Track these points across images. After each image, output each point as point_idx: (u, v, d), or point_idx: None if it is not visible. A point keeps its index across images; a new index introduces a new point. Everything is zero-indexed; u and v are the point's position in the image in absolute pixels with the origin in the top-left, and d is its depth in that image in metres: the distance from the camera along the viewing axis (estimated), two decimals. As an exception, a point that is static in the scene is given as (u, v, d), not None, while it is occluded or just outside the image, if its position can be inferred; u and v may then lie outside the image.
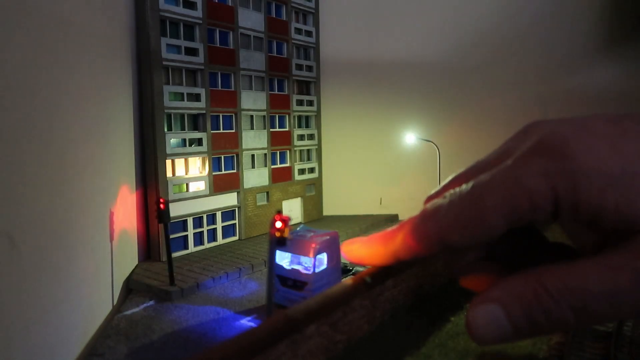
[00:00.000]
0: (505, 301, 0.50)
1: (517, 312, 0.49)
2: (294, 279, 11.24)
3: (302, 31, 20.44)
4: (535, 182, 0.50)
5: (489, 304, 0.51)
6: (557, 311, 0.48)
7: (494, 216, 0.52)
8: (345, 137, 22.20)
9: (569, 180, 0.49)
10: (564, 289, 0.48)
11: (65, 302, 8.57)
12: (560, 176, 0.49)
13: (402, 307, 0.75)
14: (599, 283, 0.47)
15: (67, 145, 8.98)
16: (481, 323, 0.51)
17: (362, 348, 0.60)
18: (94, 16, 10.75)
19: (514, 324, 0.50)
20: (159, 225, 13.55)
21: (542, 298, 0.48)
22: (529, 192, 0.50)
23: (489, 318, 0.50)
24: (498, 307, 0.50)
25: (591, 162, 0.49)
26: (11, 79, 6.86)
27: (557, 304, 0.48)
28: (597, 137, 0.50)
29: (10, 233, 6.63)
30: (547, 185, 0.50)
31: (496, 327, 0.50)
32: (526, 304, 0.49)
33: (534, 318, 0.49)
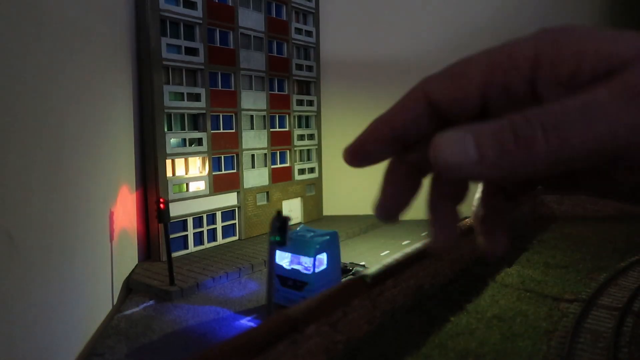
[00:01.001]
0: (477, 129, 0.47)
1: (486, 136, 0.46)
2: (294, 279, 11.25)
3: (302, 31, 20.45)
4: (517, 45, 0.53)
5: (460, 131, 0.48)
6: (525, 128, 0.45)
7: (474, 72, 0.54)
8: (345, 137, 22.15)
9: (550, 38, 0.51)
10: (539, 111, 0.46)
11: (65, 302, 8.57)
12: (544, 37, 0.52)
13: (402, 307, 0.74)
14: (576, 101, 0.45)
15: (67, 145, 8.98)
16: (446, 143, 0.47)
17: (362, 348, 0.59)
18: (94, 16, 10.76)
19: (480, 148, 0.46)
20: (159, 225, 13.56)
21: (515, 121, 0.46)
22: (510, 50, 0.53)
23: (456, 140, 0.47)
24: (468, 133, 0.47)
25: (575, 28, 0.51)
26: (10, 79, 6.86)
27: (528, 123, 0.45)
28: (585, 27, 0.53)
29: (9, 232, 6.63)
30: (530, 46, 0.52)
31: (460, 149, 0.46)
32: (498, 129, 0.46)
33: (502, 140, 0.45)
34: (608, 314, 9.14)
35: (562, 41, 0.50)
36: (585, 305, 9.37)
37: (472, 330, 8.02)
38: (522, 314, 8.86)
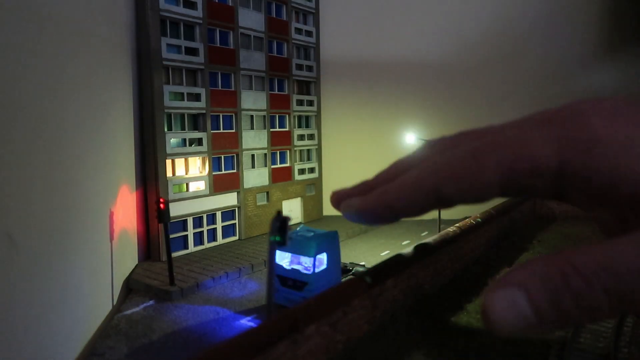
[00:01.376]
0: (527, 283, 0.43)
1: (541, 295, 0.42)
2: (294, 279, 11.25)
3: (302, 31, 20.44)
4: (542, 146, 0.48)
5: (508, 287, 0.44)
6: (588, 293, 0.41)
7: (492, 175, 0.50)
8: (345, 137, 22.21)
9: (580, 147, 0.46)
10: (596, 267, 0.41)
11: (65, 302, 8.57)
12: (570, 143, 0.47)
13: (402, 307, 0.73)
14: (636, 258, 0.41)
15: (67, 145, 8.98)
16: (499, 308, 0.43)
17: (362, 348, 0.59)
18: (94, 16, 10.76)
19: (537, 309, 0.42)
20: (159, 225, 13.56)
21: (571, 278, 0.42)
22: (533, 154, 0.48)
23: (508, 302, 0.43)
24: (518, 290, 0.43)
25: (607, 132, 0.46)
26: (10, 79, 6.86)
27: (588, 285, 0.41)
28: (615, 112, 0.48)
29: (10, 233, 6.63)
30: (554, 150, 0.47)
31: (516, 312, 0.43)
32: (551, 285, 0.42)
33: (561, 302, 0.42)
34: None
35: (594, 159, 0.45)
36: (585, 305, 9.36)
37: (472, 330, 8.02)
38: (522, 314, 8.84)
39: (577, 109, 0.49)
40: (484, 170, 0.50)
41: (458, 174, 0.52)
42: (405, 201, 0.56)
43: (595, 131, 0.46)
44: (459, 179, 0.51)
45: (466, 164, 0.51)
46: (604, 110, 0.48)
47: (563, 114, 0.50)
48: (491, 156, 0.50)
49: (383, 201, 0.58)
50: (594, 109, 0.48)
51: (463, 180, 0.51)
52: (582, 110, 0.49)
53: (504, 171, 0.49)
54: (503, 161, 0.49)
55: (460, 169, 0.52)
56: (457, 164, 0.52)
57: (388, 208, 0.58)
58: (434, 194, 0.54)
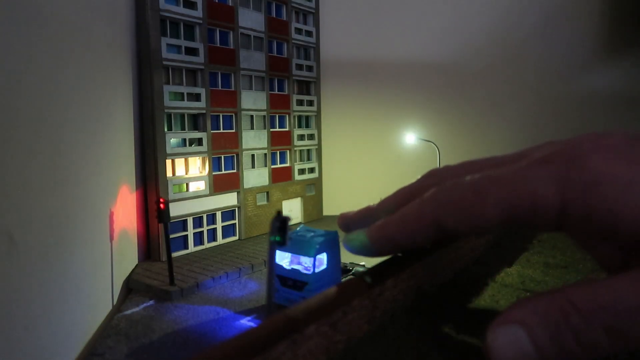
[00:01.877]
0: (528, 321, 0.44)
1: (542, 333, 0.43)
2: (294, 279, 11.24)
3: (302, 31, 20.44)
4: (543, 186, 0.48)
5: (510, 324, 0.45)
6: (587, 332, 0.42)
7: (492, 210, 0.50)
8: (345, 137, 22.20)
9: (580, 188, 0.47)
10: (595, 306, 0.42)
11: (65, 302, 8.57)
12: (571, 183, 0.47)
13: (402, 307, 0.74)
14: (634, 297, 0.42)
15: (67, 145, 8.98)
16: (501, 345, 0.44)
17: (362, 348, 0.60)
18: (94, 16, 10.75)
19: (539, 347, 0.43)
20: (159, 225, 13.55)
21: (570, 316, 0.43)
22: (534, 193, 0.48)
23: (510, 339, 0.44)
24: (520, 327, 0.44)
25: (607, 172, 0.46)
26: (10, 79, 6.86)
27: (587, 323, 0.42)
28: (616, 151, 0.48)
29: (10, 232, 6.63)
30: (555, 191, 0.48)
31: (518, 349, 0.44)
32: (552, 323, 0.43)
33: (562, 340, 0.43)
34: (608, 314, 9.15)
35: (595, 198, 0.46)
36: (585, 305, 9.38)
37: (472, 330, 8.03)
38: (522, 314, 8.88)
39: (579, 149, 0.49)
40: (484, 205, 0.51)
41: (458, 208, 0.53)
42: (407, 234, 0.58)
43: (596, 172, 0.47)
44: (459, 213, 0.52)
45: (467, 198, 0.52)
46: (604, 149, 0.48)
47: (564, 152, 0.50)
48: (492, 192, 0.50)
49: (384, 235, 0.60)
50: (595, 149, 0.49)
51: (463, 214, 0.52)
52: (583, 150, 0.49)
53: (504, 208, 0.50)
54: (503, 198, 0.50)
55: (460, 203, 0.52)
56: (458, 197, 0.53)
57: (390, 241, 0.60)
58: (435, 226, 0.55)
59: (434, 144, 18.74)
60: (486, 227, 0.52)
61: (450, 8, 21.50)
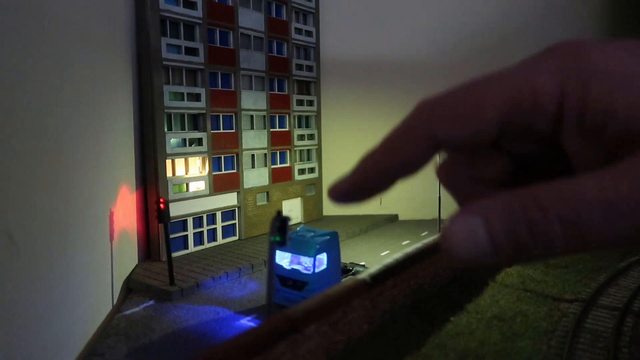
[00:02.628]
0: (487, 213, 0.43)
1: (499, 225, 0.42)
2: (294, 279, 11.25)
3: (302, 31, 20.45)
4: (543, 79, 0.46)
5: (469, 214, 0.44)
6: (542, 223, 0.41)
7: (492, 109, 0.47)
8: (345, 137, 22.21)
9: (579, 78, 0.46)
10: (555, 198, 0.41)
11: (66, 302, 8.57)
12: (570, 73, 0.46)
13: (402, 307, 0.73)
14: (596, 191, 0.41)
15: (67, 145, 8.98)
16: (457, 236, 0.43)
17: (362, 348, 0.59)
18: (94, 16, 10.76)
19: (493, 238, 0.43)
20: (159, 225, 13.56)
21: (529, 208, 0.42)
22: (535, 87, 0.46)
23: (467, 231, 0.43)
24: (478, 219, 0.43)
25: (605, 63, 0.45)
26: (10, 80, 6.86)
27: (544, 214, 0.41)
28: (614, 46, 0.47)
29: (10, 232, 6.63)
30: (555, 82, 0.46)
31: (473, 242, 0.43)
32: (510, 215, 0.42)
33: (516, 232, 0.42)
34: (608, 314, 9.13)
35: (592, 89, 0.45)
36: (586, 305, 9.37)
37: (472, 330, 8.02)
38: (522, 314, 8.85)
39: (579, 43, 0.48)
40: (483, 104, 0.47)
41: (454, 112, 0.48)
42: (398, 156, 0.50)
43: (596, 63, 0.45)
44: (456, 118, 0.48)
45: (462, 101, 0.48)
46: (605, 45, 0.48)
47: (565, 47, 0.48)
48: (492, 89, 0.47)
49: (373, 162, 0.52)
50: (596, 44, 0.48)
51: (460, 118, 0.48)
52: (584, 44, 0.48)
53: (505, 104, 0.47)
54: (505, 93, 0.47)
55: (456, 106, 0.48)
56: (453, 100, 0.49)
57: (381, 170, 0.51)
58: (430, 140, 0.49)
59: (434, 144, 18.70)
60: (487, 133, 0.48)
61: (450, 8, 21.50)
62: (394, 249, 16.51)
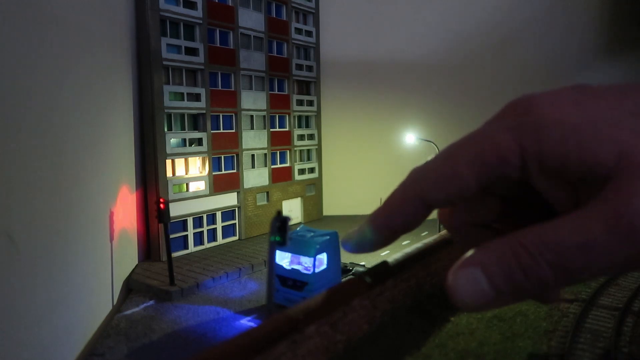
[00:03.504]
0: (485, 262, 0.50)
1: (497, 273, 0.49)
2: (294, 279, 11.25)
3: (302, 31, 20.45)
4: (503, 137, 0.53)
5: (470, 267, 0.51)
6: (534, 268, 0.48)
7: (466, 171, 0.54)
8: (345, 137, 22.20)
9: (532, 131, 0.52)
10: (540, 245, 0.48)
11: (65, 302, 8.57)
12: (524, 129, 0.52)
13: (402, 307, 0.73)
14: (573, 235, 0.48)
15: (67, 146, 8.98)
16: (462, 286, 0.50)
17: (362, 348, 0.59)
18: (94, 16, 10.76)
19: (494, 285, 0.49)
20: (159, 225, 13.56)
21: (520, 256, 0.49)
22: (497, 145, 0.53)
23: (470, 280, 0.50)
24: (478, 269, 0.50)
25: (554, 115, 0.52)
26: (11, 80, 6.86)
27: (534, 261, 0.48)
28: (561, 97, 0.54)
29: (10, 233, 6.63)
30: (514, 139, 0.52)
31: (477, 289, 0.50)
32: (505, 263, 0.49)
33: (513, 277, 0.49)
34: (608, 314, 9.13)
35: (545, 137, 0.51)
36: (585, 305, 9.37)
37: (472, 330, 8.01)
38: (522, 314, 8.85)
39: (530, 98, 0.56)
40: (457, 168, 0.55)
41: (435, 178, 0.56)
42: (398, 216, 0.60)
43: (543, 116, 0.53)
44: (437, 182, 0.56)
45: (441, 167, 0.56)
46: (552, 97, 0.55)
47: (516, 106, 0.56)
48: (461, 154, 0.55)
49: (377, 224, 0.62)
50: (543, 98, 0.55)
51: (440, 182, 0.56)
52: (534, 99, 0.55)
53: (475, 166, 0.54)
54: (472, 156, 0.54)
55: (435, 173, 0.57)
56: (432, 168, 0.57)
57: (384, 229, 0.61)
58: (421, 202, 0.58)
59: (434, 144, 18.74)
60: (466, 189, 0.55)
61: (450, 8, 21.50)
62: (394, 249, 16.51)
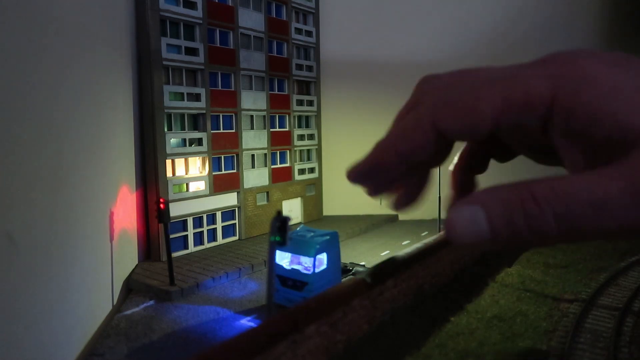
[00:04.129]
0: (488, 203, 0.49)
1: (498, 216, 0.48)
2: (294, 279, 11.25)
3: (302, 31, 20.45)
4: (536, 82, 0.51)
5: (472, 204, 0.50)
6: (539, 216, 0.46)
7: (487, 107, 0.52)
8: (345, 137, 22.20)
9: (570, 84, 0.50)
10: (551, 195, 0.47)
11: (66, 302, 8.57)
12: (562, 79, 0.51)
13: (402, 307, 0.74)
14: (587, 190, 0.46)
15: (67, 145, 8.98)
16: (459, 222, 0.49)
17: (362, 348, 0.59)
18: (94, 16, 10.76)
19: (493, 225, 0.48)
20: (159, 225, 13.56)
21: (526, 202, 0.47)
22: (527, 88, 0.51)
23: (469, 218, 0.49)
24: (480, 208, 0.49)
25: (595, 73, 0.50)
26: (11, 80, 6.86)
27: (540, 209, 0.47)
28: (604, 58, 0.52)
29: (10, 232, 6.63)
30: (547, 86, 0.51)
31: (474, 227, 0.49)
32: (509, 206, 0.48)
33: (514, 222, 0.48)
34: (608, 314, 9.14)
35: (582, 95, 0.49)
36: (585, 305, 9.38)
37: (472, 330, 8.02)
38: (522, 314, 8.86)
39: (573, 53, 0.54)
40: (479, 102, 0.53)
41: (455, 107, 0.54)
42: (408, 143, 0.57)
43: (587, 72, 0.51)
44: (456, 112, 0.54)
45: (463, 96, 0.54)
46: (597, 56, 0.53)
47: (559, 56, 0.54)
48: (487, 89, 0.53)
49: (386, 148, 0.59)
50: (588, 54, 0.53)
51: (460, 113, 0.54)
52: (578, 54, 0.53)
53: (498, 103, 0.52)
54: (499, 94, 0.52)
55: (457, 102, 0.55)
56: (455, 96, 0.55)
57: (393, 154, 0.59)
58: (433, 130, 0.56)
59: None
60: (481, 125, 0.53)
61: (450, 8, 21.50)
62: (394, 249, 16.52)
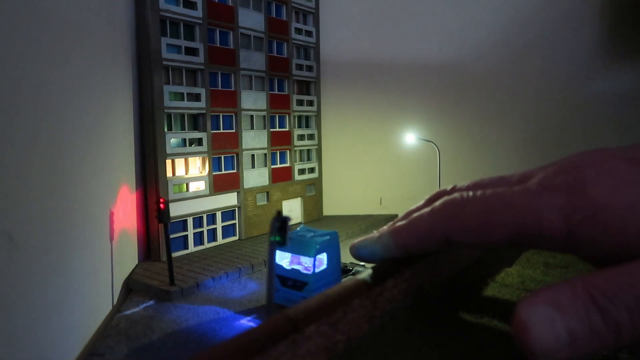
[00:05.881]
0: (558, 301, 0.44)
1: (572, 313, 0.43)
2: (294, 279, 11.24)
3: (302, 31, 20.44)
4: (548, 215, 0.51)
5: (542, 304, 0.45)
6: (612, 311, 0.43)
7: (501, 231, 0.54)
8: (345, 137, 22.19)
9: (584, 217, 0.49)
10: (616, 287, 0.44)
11: (65, 302, 8.56)
12: (575, 212, 0.50)
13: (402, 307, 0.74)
14: None
15: (67, 145, 8.98)
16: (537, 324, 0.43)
17: (362, 348, 0.60)
18: (94, 16, 10.75)
19: (570, 328, 0.43)
20: (159, 225, 13.55)
21: (596, 298, 0.43)
22: (540, 221, 0.51)
23: (546, 319, 0.43)
24: (551, 308, 0.44)
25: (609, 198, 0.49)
26: (11, 80, 6.86)
27: (612, 303, 0.43)
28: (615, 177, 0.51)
29: (10, 232, 6.63)
30: (560, 220, 0.50)
31: (552, 330, 0.43)
32: (580, 303, 0.44)
33: (591, 320, 0.43)
34: (608, 314, 9.15)
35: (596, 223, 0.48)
36: (586, 305, 9.38)
37: (472, 329, 8.01)
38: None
39: (581, 175, 0.52)
40: (493, 228, 0.54)
41: (467, 226, 0.57)
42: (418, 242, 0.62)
43: (598, 199, 0.49)
44: (469, 231, 0.57)
45: (476, 216, 0.56)
46: (605, 175, 0.51)
47: (568, 181, 0.52)
48: (500, 214, 0.54)
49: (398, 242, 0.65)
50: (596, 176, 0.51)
51: (472, 232, 0.56)
52: (585, 177, 0.51)
53: (512, 232, 0.53)
54: (512, 222, 0.53)
55: (470, 221, 0.56)
56: (468, 214, 0.57)
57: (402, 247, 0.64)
58: (445, 240, 0.60)
59: (434, 144, 18.74)
60: (495, 244, 0.56)
61: (451, 9, 21.49)
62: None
